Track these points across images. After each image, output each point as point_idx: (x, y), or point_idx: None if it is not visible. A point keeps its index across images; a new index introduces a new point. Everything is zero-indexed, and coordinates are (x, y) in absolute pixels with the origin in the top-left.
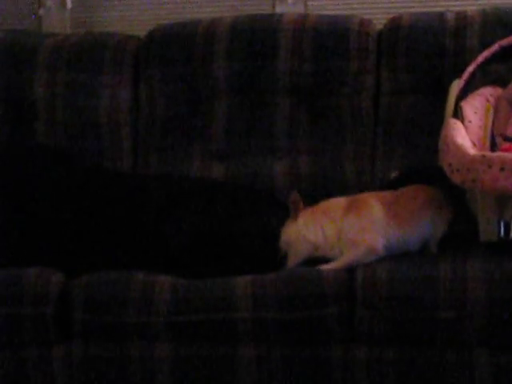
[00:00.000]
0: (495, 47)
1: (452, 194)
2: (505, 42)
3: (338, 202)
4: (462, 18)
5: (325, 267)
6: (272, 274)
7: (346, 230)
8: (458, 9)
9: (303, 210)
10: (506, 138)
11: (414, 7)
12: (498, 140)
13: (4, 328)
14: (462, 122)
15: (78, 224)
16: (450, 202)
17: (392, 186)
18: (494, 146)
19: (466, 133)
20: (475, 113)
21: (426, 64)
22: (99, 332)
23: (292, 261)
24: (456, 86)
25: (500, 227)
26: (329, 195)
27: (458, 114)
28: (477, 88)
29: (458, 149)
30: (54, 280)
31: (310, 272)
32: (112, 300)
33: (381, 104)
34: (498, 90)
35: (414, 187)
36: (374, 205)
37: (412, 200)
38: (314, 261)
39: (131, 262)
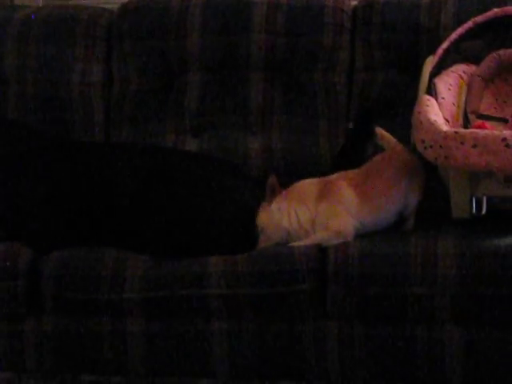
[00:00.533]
0: (469, 24)
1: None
2: (479, 18)
3: (311, 186)
4: None
5: (295, 244)
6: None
7: (320, 216)
8: None
9: (278, 195)
10: (479, 115)
11: None
12: (471, 117)
13: None
14: (436, 98)
15: (52, 199)
16: (419, 165)
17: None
18: (466, 123)
19: (439, 109)
20: (448, 89)
21: (400, 40)
22: (70, 307)
23: (261, 241)
24: (430, 63)
25: (472, 204)
26: (303, 170)
27: (431, 90)
28: (450, 65)
29: (431, 125)
30: (23, 254)
31: (281, 249)
32: (83, 276)
33: (355, 80)
34: (472, 67)
35: (381, 158)
36: (345, 188)
37: (380, 174)
38: None
39: (106, 240)
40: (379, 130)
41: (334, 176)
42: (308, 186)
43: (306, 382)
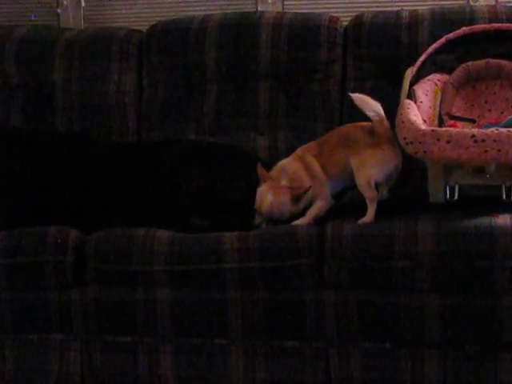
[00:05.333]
0: (442, 40)
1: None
2: (451, 35)
3: (289, 166)
4: (414, 16)
5: (297, 222)
6: (254, 231)
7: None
8: (411, 8)
9: (266, 178)
10: (451, 117)
11: (374, 7)
12: (445, 118)
13: (31, 274)
14: (415, 102)
15: (104, 187)
16: (387, 139)
17: None
18: (441, 123)
19: (418, 111)
20: (426, 95)
21: (384, 54)
22: (109, 279)
23: (256, 219)
24: (410, 73)
25: (446, 191)
26: None
27: (411, 95)
28: (427, 74)
29: (412, 124)
30: (72, 234)
31: (286, 228)
32: (118, 252)
33: (347, 88)
34: (445, 76)
35: (337, 129)
36: (313, 160)
37: (334, 144)
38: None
39: (147, 218)
40: (355, 95)
41: (299, 151)
42: (288, 165)
43: (306, 341)
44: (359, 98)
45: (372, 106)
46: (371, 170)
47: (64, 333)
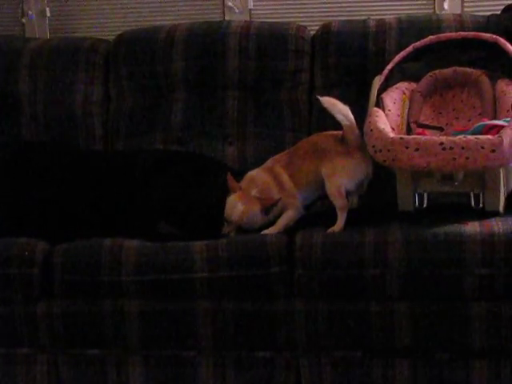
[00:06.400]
0: (409, 48)
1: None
2: (418, 44)
3: (259, 176)
4: (381, 25)
5: (266, 232)
6: (223, 240)
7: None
8: (378, 17)
9: (236, 188)
10: (419, 125)
11: (341, 16)
12: (413, 126)
13: None
14: (383, 110)
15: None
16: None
17: None
18: (409, 131)
19: (386, 120)
20: (394, 103)
21: (352, 63)
22: (76, 290)
23: (225, 228)
24: (377, 81)
25: (415, 198)
26: None
27: (379, 104)
28: (395, 83)
29: (380, 132)
30: (39, 246)
31: (256, 237)
32: (86, 263)
33: (314, 97)
34: (413, 85)
35: (306, 139)
36: (282, 172)
37: (304, 154)
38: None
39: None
40: (323, 98)
41: (269, 162)
42: (257, 176)
43: (277, 351)
44: (328, 100)
45: (341, 110)
46: (342, 178)
47: (30, 347)
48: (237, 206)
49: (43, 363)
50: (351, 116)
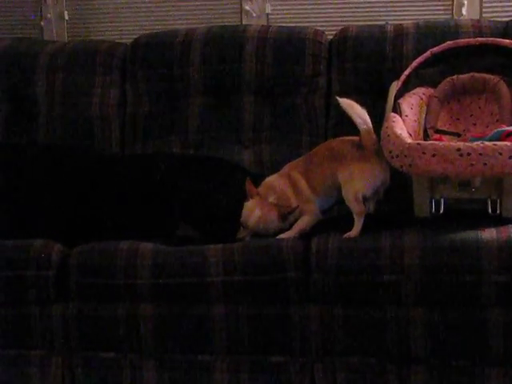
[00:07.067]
0: (427, 54)
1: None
2: (436, 49)
3: (277, 183)
4: (399, 30)
5: (282, 236)
6: (239, 244)
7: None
8: (396, 22)
9: (254, 193)
10: (437, 130)
11: (359, 20)
12: (430, 132)
13: (13, 288)
14: (400, 116)
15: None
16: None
17: None
18: (426, 137)
19: (403, 125)
20: (411, 109)
21: (369, 68)
22: (91, 293)
23: (241, 233)
24: (395, 87)
25: (431, 205)
26: None
27: (396, 109)
28: (412, 88)
29: (397, 138)
30: (56, 249)
31: (271, 242)
32: (102, 266)
33: (332, 102)
34: (430, 90)
35: (323, 145)
36: (299, 178)
37: (321, 159)
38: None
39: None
40: (342, 100)
41: (287, 168)
42: (275, 182)
43: (292, 356)
44: (346, 102)
45: (359, 113)
46: (359, 184)
47: (45, 349)
48: (254, 212)
49: (58, 365)
50: (369, 120)
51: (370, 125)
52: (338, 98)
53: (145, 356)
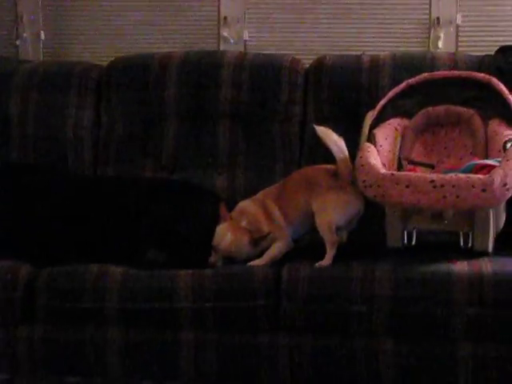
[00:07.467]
0: (403, 85)
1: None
2: (412, 80)
3: (249, 208)
4: (375, 60)
5: (253, 263)
6: (209, 270)
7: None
8: (372, 52)
9: (226, 217)
10: (411, 161)
11: (336, 50)
12: (404, 163)
13: None
14: (375, 146)
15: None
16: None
17: None
18: (400, 168)
19: (377, 155)
20: (386, 139)
21: (345, 97)
22: (59, 316)
23: (212, 257)
24: (370, 116)
25: (404, 235)
26: None
27: (371, 139)
28: (387, 119)
29: (371, 168)
30: (23, 270)
31: (242, 269)
32: (70, 288)
33: (307, 130)
34: (405, 121)
35: (298, 172)
36: (272, 205)
37: (295, 187)
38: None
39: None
40: (318, 128)
41: (261, 194)
42: (247, 207)
43: None
44: (323, 130)
45: (336, 141)
46: (333, 214)
47: (10, 373)
48: (226, 236)
49: None
50: (345, 148)
51: (347, 153)
52: (314, 126)
53: (111, 381)
